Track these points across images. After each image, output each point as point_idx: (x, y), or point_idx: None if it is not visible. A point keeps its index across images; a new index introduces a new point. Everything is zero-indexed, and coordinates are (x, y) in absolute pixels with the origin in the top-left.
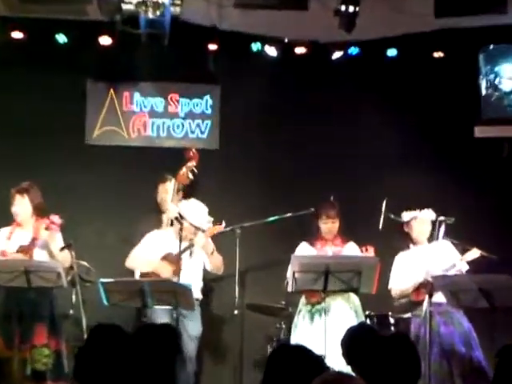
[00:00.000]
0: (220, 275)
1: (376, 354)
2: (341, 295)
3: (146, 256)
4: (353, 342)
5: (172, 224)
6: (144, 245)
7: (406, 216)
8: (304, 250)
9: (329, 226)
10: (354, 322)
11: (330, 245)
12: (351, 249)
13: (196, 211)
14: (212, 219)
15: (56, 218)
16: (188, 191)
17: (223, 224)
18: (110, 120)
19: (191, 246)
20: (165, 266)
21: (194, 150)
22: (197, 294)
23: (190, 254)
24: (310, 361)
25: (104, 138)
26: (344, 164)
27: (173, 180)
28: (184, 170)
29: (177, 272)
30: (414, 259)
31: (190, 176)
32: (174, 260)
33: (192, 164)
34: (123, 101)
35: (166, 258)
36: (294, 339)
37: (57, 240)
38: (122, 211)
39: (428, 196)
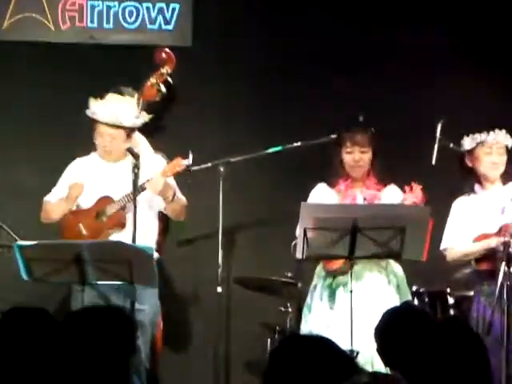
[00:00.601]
0: (195, 236)
1: (426, 349)
2: (376, 264)
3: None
4: (392, 332)
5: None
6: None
7: (467, 142)
8: (321, 195)
9: (355, 156)
10: (396, 301)
11: (359, 187)
12: (392, 194)
13: (113, 105)
14: (150, 116)
15: None
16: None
17: (190, 157)
18: (28, 3)
19: (142, 189)
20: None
21: (167, 49)
22: None
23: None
24: (334, 359)
25: (19, 30)
26: (379, 73)
27: (135, 95)
28: (153, 80)
29: (120, 224)
30: (480, 207)
31: (163, 89)
32: (114, 210)
33: (165, 71)
34: None
35: (101, 205)
36: (307, 328)
37: None
38: (50, 141)
39: (502, 116)
